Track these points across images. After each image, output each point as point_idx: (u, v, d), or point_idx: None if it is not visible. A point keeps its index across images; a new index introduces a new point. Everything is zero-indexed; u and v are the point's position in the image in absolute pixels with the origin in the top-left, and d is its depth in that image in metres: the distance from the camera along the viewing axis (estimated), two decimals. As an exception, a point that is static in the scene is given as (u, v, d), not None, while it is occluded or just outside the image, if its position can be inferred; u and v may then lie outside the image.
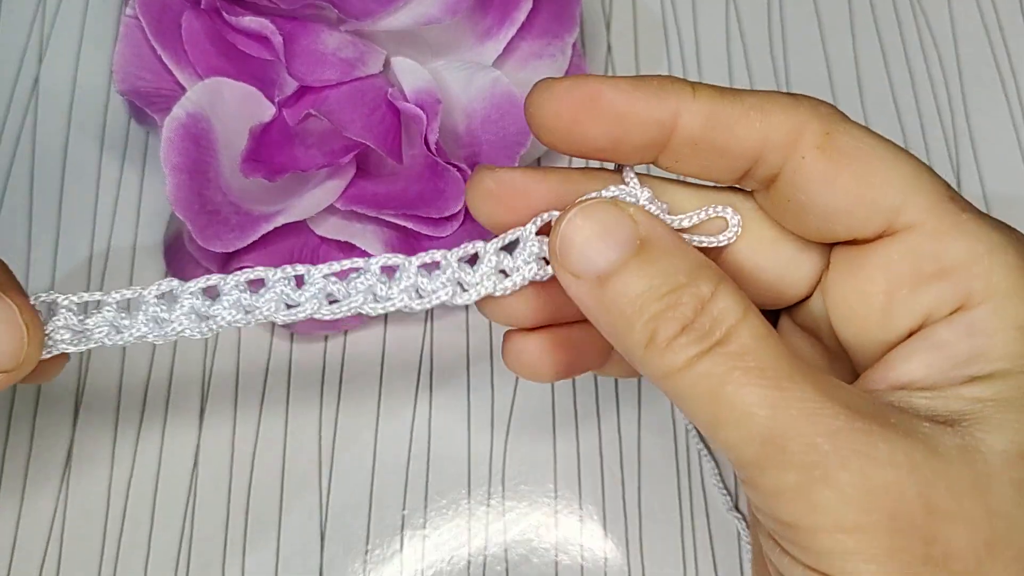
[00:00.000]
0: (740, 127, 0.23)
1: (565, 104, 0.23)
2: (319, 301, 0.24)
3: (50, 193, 0.37)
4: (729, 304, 0.21)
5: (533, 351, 0.26)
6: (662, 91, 0.23)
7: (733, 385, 0.21)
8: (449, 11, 0.33)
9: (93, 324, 0.25)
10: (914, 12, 0.40)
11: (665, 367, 0.21)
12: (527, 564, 0.32)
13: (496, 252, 0.24)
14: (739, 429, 0.21)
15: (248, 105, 0.33)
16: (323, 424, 0.34)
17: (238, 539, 0.32)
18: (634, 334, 0.22)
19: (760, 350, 0.21)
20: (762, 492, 0.21)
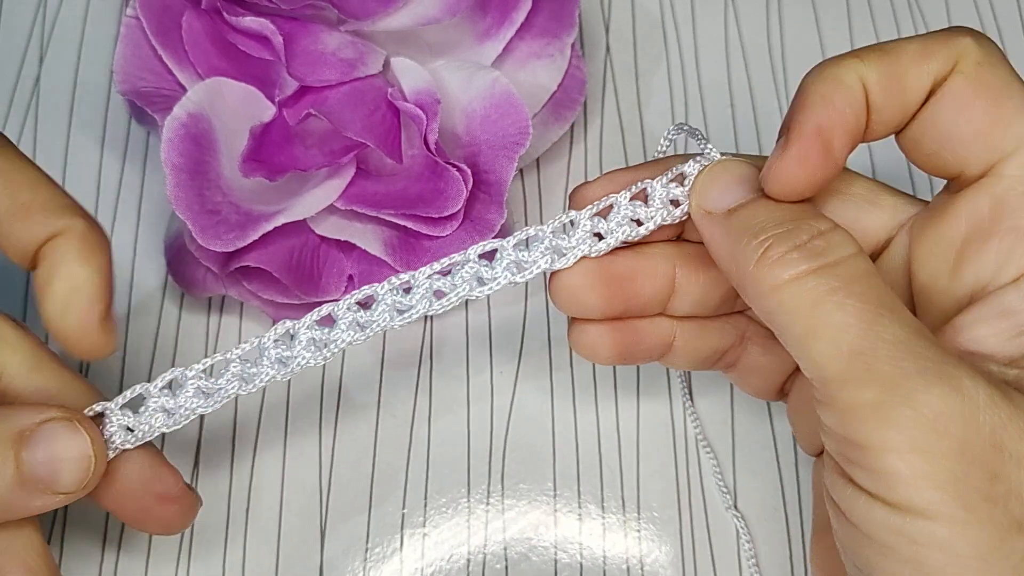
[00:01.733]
0: (912, 76, 0.24)
1: (804, 170, 0.24)
2: (428, 300, 0.27)
3: (51, 193, 0.37)
4: (843, 239, 0.23)
5: (595, 334, 0.28)
6: (841, 75, 0.24)
7: (835, 301, 0.22)
8: (449, 11, 0.33)
9: (222, 382, 0.27)
10: (912, 13, 0.40)
11: (773, 279, 0.23)
12: (526, 562, 0.32)
13: (590, 218, 0.27)
14: (831, 342, 0.22)
15: (248, 105, 0.33)
16: (323, 423, 0.34)
17: (238, 538, 0.32)
18: (748, 251, 0.23)
19: (866, 281, 0.22)
20: (839, 409, 0.22)
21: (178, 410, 0.27)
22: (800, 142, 0.24)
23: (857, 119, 0.24)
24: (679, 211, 0.26)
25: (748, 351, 0.29)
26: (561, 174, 0.37)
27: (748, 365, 0.30)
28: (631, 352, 0.28)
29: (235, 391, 0.27)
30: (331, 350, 0.27)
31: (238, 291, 0.33)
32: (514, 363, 0.34)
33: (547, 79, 0.35)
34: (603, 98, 0.38)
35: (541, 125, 0.35)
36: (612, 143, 0.38)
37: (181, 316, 0.35)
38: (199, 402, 0.27)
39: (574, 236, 0.27)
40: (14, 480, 0.25)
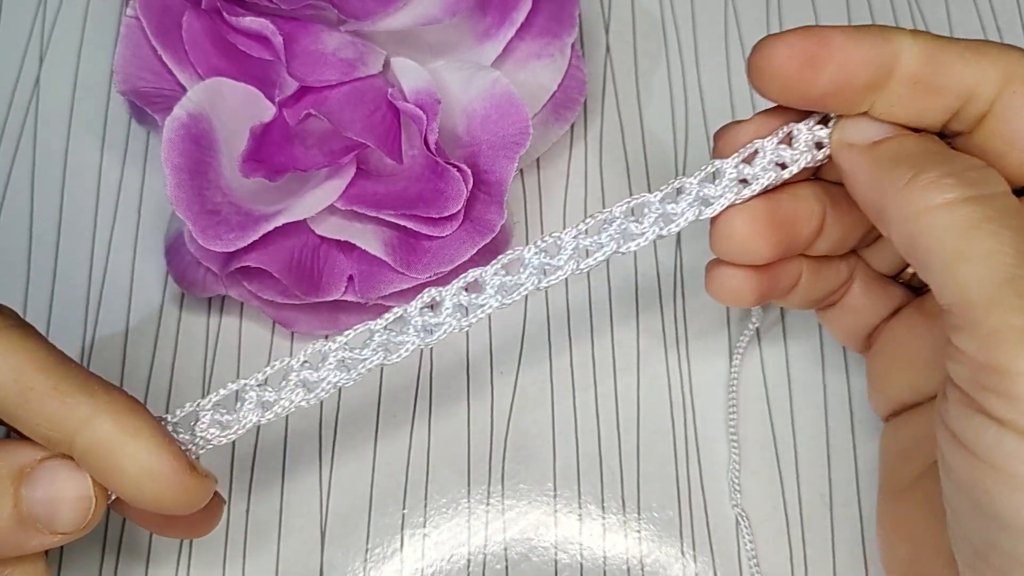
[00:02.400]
0: (957, 65, 0.24)
1: (797, 51, 0.25)
2: (576, 261, 0.27)
3: (51, 193, 0.37)
4: (996, 177, 0.23)
5: (741, 279, 0.28)
6: (885, 32, 0.25)
7: (989, 228, 0.22)
8: (449, 11, 0.33)
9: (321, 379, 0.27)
10: (912, 13, 0.40)
11: (924, 202, 0.23)
12: (527, 562, 0.32)
13: (735, 166, 0.27)
14: (982, 266, 0.22)
15: (248, 105, 0.33)
16: (323, 424, 0.34)
17: (239, 539, 0.32)
18: (896, 175, 0.24)
19: (1020, 215, 0.23)
20: (983, 333, 0.22)
21: (236, 423, 0.27)
22: (803, 32, 0.25)
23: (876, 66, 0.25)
24: (822, 153, 0.27)
25: (851, 291, 0.30)
26: (561, 174, 0.37)
27: (848, 304, 0.30)
28: (768, 294, 0.29)
29: (298, 400, 0.27)
30: (472, 320, 0.27)
31: (238, 291, 0.33)
32: (514, 363, 0.35)
33: (547, 79, 0.35)
34: (603, 98, 0.38)
35: (541, 125, 0.35)
36: (612, 143, 0.38)
37: (181, 316, 0.35)
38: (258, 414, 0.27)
39: (721, 184, 0.27)
40: (12, 519, 0.24)
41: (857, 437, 0.33)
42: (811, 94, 0.25)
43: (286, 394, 0.27)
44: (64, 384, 0.24)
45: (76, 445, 0.24)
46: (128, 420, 0.24)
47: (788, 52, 0.25)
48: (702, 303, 0.35)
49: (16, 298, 0.35)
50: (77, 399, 0.24)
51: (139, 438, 0.24)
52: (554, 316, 0.35)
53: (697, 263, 0.36)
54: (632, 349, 0.35)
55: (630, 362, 0.34)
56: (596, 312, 0.35)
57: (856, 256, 0.30)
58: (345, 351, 0.27)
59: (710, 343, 0.35)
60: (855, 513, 0.32)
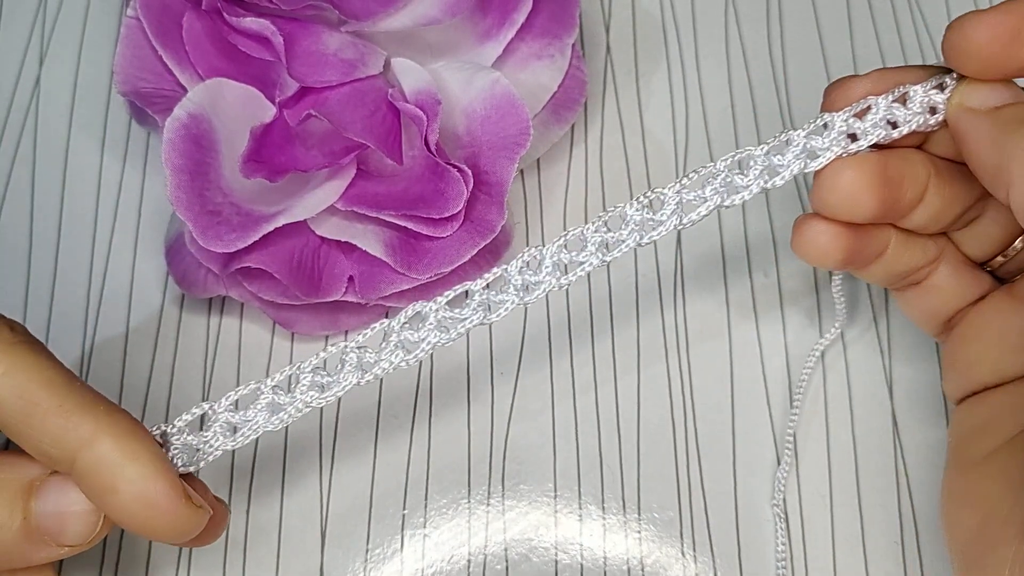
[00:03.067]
0: None
1: (1001, 28, 0.25)
2: (679, 216, 0.27)
3: (51, 194, 0.37)
4: None
5: (831, 235, 0.28)
6: None
7: None
8: (449, 12, 0.33)
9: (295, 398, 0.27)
10: (912, 14, 0.40)
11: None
12: (527, 563, 0.32)
13: (845, 120, 0.27)
14: None
15: (249, 106, 0.33)
16: (323, 424, 0.34)
17: (239, 539, 0.32)
18: (1019, 134, 0.24)
19: None
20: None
21: (244, 424, 0.26)
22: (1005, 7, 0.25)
23: None
24: (935, 119, 0.27)
25: (938, 272, 0.30)
26: (561, 175, 0.37)
27: (933, 284, 0.30)
28: (854, 258, 0.28)
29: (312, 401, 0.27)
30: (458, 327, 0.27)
31: (238, 292, 0.33)
32: (514, 363, 0.35)
33: (547, 80, 0.35)
34: (603, 98, 0.38)
35: (541, 126, 0.35)
36: (612, 143, 0.38)
37: (181, 317, 0.35)
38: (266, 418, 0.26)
39: (828, 136, 0.27)
40: (21, 532, 0.24)
41: (857, 436, 0.33)
42: (1013, 69, 0.26)
43: (300, 395, 0.26)
44: (69, 402, 0.24)
45: (76, 464, 0.24)
46: (128, 442, 0.24)
47: (990, 32, 0.25)
48: (702, 304, 0.35)
49: (16, 298, 0.35)
50: (81, 418, 0.24)
51: (137, 462, 0.24)
52: (554, 317, 0.35)
53: (697, 264, 0.36)
54: (632, 350, 0.35)
55: (630, 363, 0.34)
56: (596, 313, 0.35)
57: (946, 238, 0.30)
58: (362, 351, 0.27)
59: (710, 344, 0.35)
60: (856, 513, 0.32)
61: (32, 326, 0.35)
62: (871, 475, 0.33)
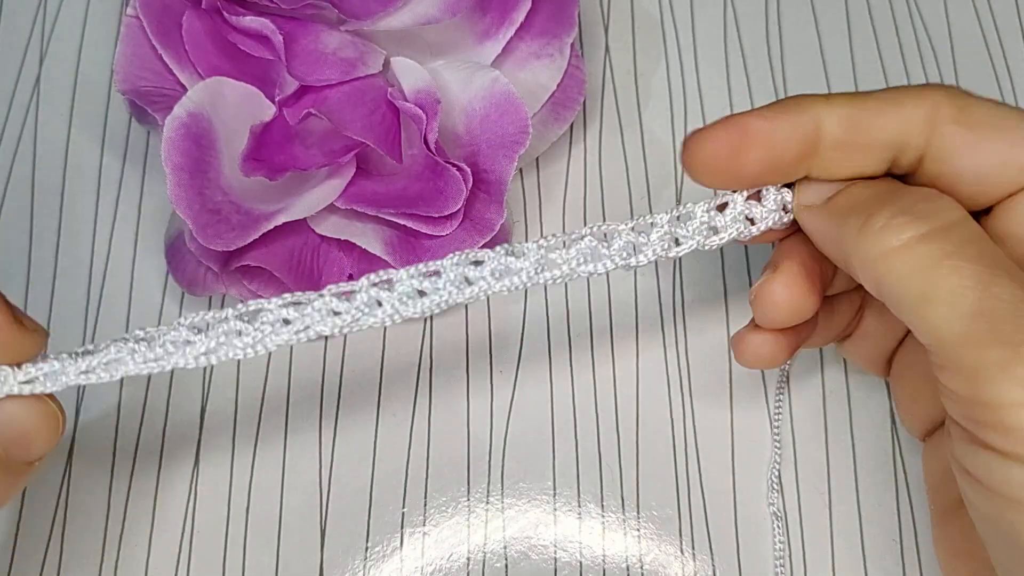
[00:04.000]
0: (878, 119, 0.25)
1: (721, 143, 0.25)
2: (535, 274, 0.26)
3: (51, 193, 0.37)
4: (949, 203, 0.23)
5: (771, 342, 0.28)
6: (800, 105, 0.25)
7: (950, 265, 0.22)
8: (448, 11, 0.33)
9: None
10: (911, 14, 0.40)
11: (881, 247, 0.23)
12: (526, 561, 0.32)
13: (707, 212, 0.27)
14: (950, 306, 0.22)
15: (249, 104, 0.33)
16: (323, 423, 0.34)
17: (239, 538, 0.32)
18: (850, 222, 0.24)
19: (980, 244, 0.23)
20: (963, 371, 0.22)
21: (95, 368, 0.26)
22: (723, 123, 0.26)
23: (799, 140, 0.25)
24: (788, 217, 0.27)
25: (865, 319, 0.30)
26: (560, 174, 0.37)
27: (863, 332, 0.30)
28: (797, 345, 0.28)
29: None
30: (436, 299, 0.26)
31: (238, 290, 0.33)
32: (514, 362, 0.35)
33: (547, 79, 0.35)
34: (602, 98, 0.38)
35: (541, 125, 0.35)
36: (611, 143, 0.38)
37: (181, 316, 0.35)
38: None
39: (691, 226, 0.27)
40: None
41: (855, 434, 0.33)
42: (745, 178, 0.26)
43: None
44: None
45: None
46: None
47: (713, 146, 0.26)
48: (701, 302, 0.35)
49: (16, 298, 0.35)
50: None
51: None
52: (553, 315, 0.35)
53: (696, 263, 0.36)
54: (631, 348, 0.35)
55: (630, 361, 0.34)
56: (595, 311, 0.35)
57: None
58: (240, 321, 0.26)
59: (709, 342, 0.35)
60: (854, 511, 0.33)
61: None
62: (869, 473, 0.33)
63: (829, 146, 0.25)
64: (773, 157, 0.25)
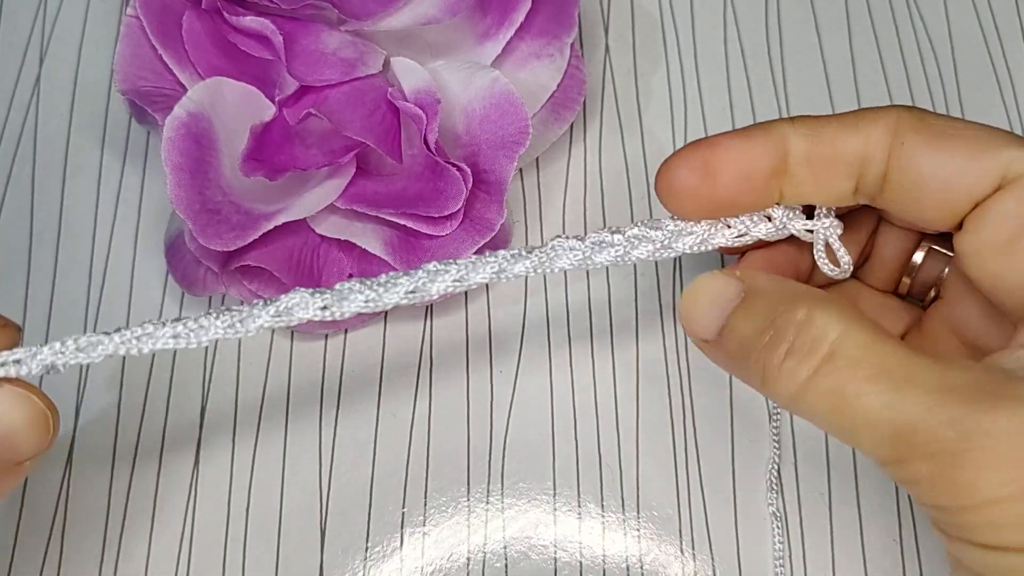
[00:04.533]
0: (841, 135, 0.26)
1: (693, 164, 0.26)
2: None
3: (51, 193, 0.37)
4: (827, 321, 0.23)
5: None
6: (766, 127, 0.26)
7: (851, 397, 0.22)
8: (449, 11, 0.33)
9: None
10: (911, 14, 0.40)
11: (785, 392, 0.23)
12: (526, 561, 0.32)
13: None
14: (869, 434, 0.22)
15: (249, 105, 0.33)
16: (323, 422, 0.34)
17: (239, 537, 0.32)
18: (752, 373, 0.24)
19: (869, 358, 0.22)
20: (909, 484, 0.22)
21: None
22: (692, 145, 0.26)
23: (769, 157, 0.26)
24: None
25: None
26: (561, 174, 0.37)
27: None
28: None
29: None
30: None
31: (238, 290, 0.33)
32: (514, 362, 0.35)
33: (547, 79, 0.35)
34: (602, 98, 0.38)
35: (541, 125, 0.35)
36: (611, 143, 0.38)
37: (181, 316, 0.35)
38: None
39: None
40: None
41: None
42: (719, 199, 0.26)
43: None
44: None
45: None
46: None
47: (686, 168, 0.26)
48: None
49: (16, 297, 0.35)
50: None
51: None
52: (553, 315, 0.35)
53: (696, 264, 0.36)
54: (631, 348, 0.35)
55: (630, 361, 0.34)
56: (595, 311, 0.35)
57: (856, 282, 0.31)
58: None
59: (709, 342, 0.35)
60: (854, 512, 0.33)
61: (32, 325, 0.35)
62: (870, 473, 0.33)
63: (797, 161, 0.26)
64: (746, 172, 0.26)
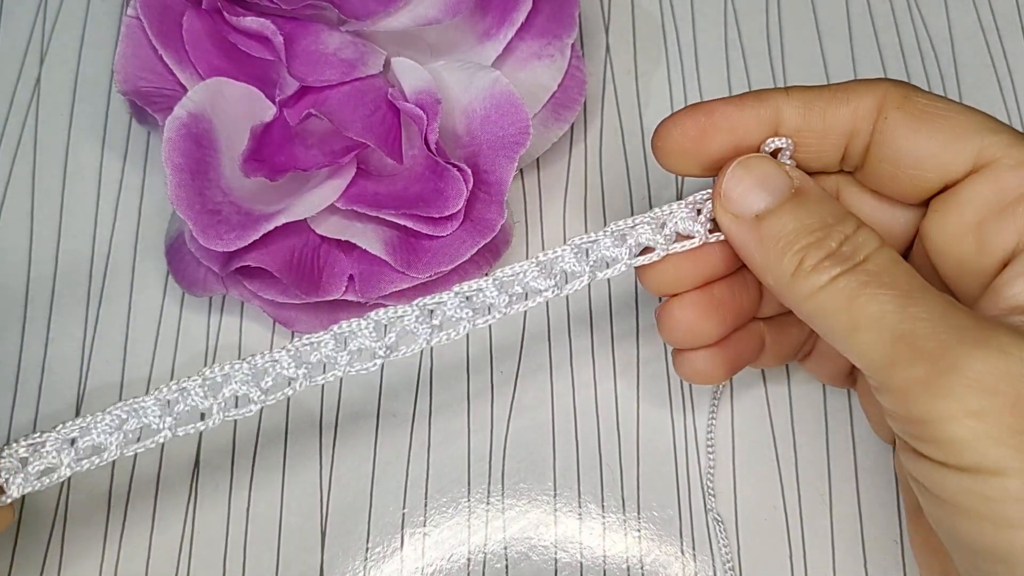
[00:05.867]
0: (832, 107, 0.27)
1: (688, 126, 0.27)
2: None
3: (52, 193, 0.37)
4: (868, 237, 0.25)
5: (705, 360, 0.29)
6: (761, 95, 0.27)
7: (868, 293, 0.23)
8: (449, 12, 0.33)
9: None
10: (911, 13, 0.40)
11: (809, 287, 0.24)
12: (526, 561, 0.32)
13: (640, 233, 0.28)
14: (873, 331, 0.23)
15: (249, 105, 0.33)
16: (323, 423, 0.34)
17: (239, 538, 0.32)
18: (783, 263, 0.25)
19: (894, 270, 0.24)
20: (894, 391, 0.23)
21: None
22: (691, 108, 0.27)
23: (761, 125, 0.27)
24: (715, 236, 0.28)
25: (820, 339, 0.31)
26: (561, 174, 0.37)
27: (821, 351, 0.32)
28: (737, 363, 0.30)
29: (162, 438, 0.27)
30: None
31: (239, 291, 0.33)
32: (514, 363, 0.35)
33: (547, 79, 0.35)
34: (603, 98, 0.38)
35: (541, 125, 0.35)
36: (612, 143, 0.38)
37: (181, 316, 0.35)
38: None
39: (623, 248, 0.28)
40: None
41: (856, 435, 0.33)
42: (710, 161, 0.27)
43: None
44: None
45: None
46: None
47: (681, 129, 0.27)
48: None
49: (16, 298, 0.35)
50: None
51: None
52: (554, 315, 0.35)
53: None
54: (632, 348, 0.35)
55: (630, 361, 0.34)
56: (596, 311, 0.35)
57: None
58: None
59: (710, 343, 0.35)
60: (854, 512, 0.33)
61: (32, 325, 0.35)
62: (870, 474, 0.33)
63: (788, 132, 0.27)
64: (737, 139, 0.27)
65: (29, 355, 0.35)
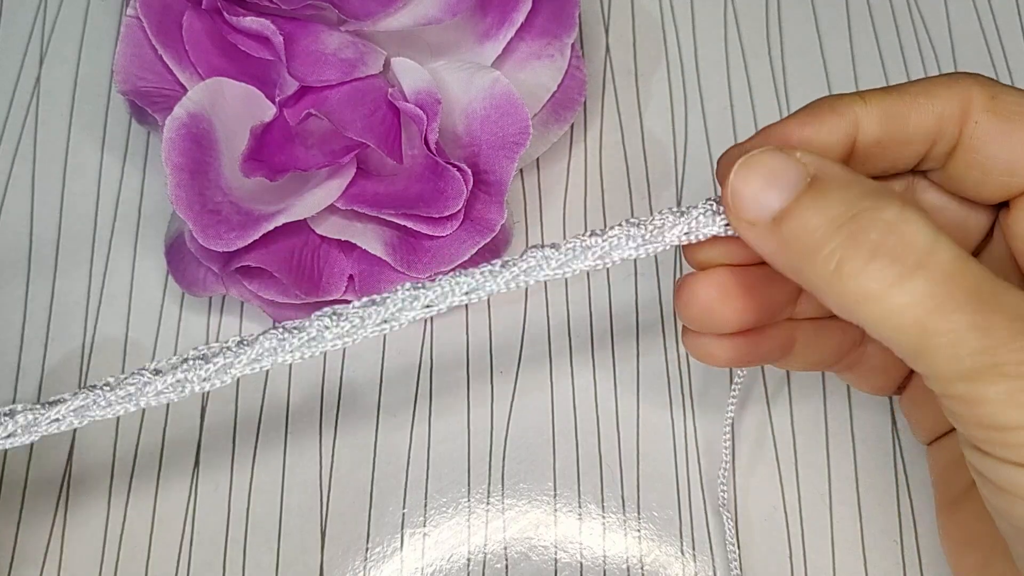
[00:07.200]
0: (914, 114, 0.24)
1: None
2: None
3: (52, 193, 0.37)
4: (920, 227, 0.21)
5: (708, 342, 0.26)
6: (836, 107, 0.24)
7: (940, 312, 0.21)
8: (449, 12, 0.33)
9: None
10: (911, 13, 0.40)
11: (859, 292, 0.21)
12: (526, 562, 0.32)
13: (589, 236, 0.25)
14: (949, 348, 0.21)
15: (249, 105, 0.33)
16: (323, 423, 0.34)
17: (239, 538, 0.32)
18: (816, 266, 0.22)
19: (961, 273, 0.21)
20: (970, 402, 0.21)
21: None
22: (763, 134, 0.25)
23: (838, 144, 0.24)
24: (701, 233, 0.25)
25: (869, 351, 0.28)
26: (561, 174, 0.37)
27: (871, 365, 0.29)
28: (750, 359, 0.27)
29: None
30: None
31: (238, 291, 0.33)
32: (514, 363, 0.35)
33: (547, 79, 0.35)
34: (603, 98, 0.38)
35: (541, 125, 0.35)
36: (612, 143, 0.38)
37: (181, 316, 0.35)
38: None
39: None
40: None
41: (856, 435, 0.33)
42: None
43: None
44: None
45: None
46: None
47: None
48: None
49: (17, 298, 0.35)
50: None
51: None
52: (554, 315, 0.35)
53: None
54: (632, 348, 0.35)
55: (630, 362, 0.34)
56: (596, 311, 0.35)
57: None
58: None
59: (710, 343, 0.35)
60: (854, 512, 0.33)
61: (32, 326, 0.35)
62: (869, 473, 0.33)
63: (868, 143, 0.25)
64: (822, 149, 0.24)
65: (29, 355, 0.35)
